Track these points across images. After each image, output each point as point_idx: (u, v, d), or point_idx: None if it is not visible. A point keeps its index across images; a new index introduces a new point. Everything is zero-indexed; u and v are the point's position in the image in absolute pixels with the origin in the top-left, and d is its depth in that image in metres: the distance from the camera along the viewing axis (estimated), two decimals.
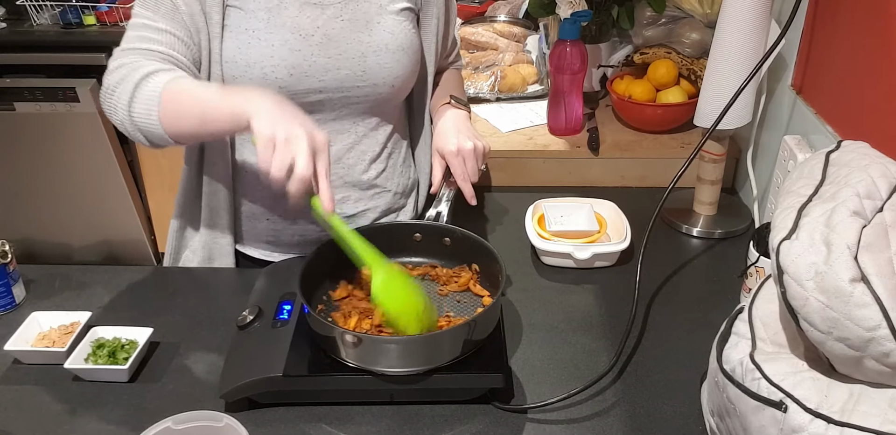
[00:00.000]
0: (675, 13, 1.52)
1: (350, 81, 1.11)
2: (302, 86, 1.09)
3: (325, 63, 1.09)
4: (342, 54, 1.10)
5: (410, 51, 1.14)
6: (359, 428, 0.91)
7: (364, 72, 1.11)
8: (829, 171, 0.80)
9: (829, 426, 0.65)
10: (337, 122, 1.15)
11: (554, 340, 1.05)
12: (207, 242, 1.22)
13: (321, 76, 1.09)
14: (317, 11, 1.09)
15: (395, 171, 1.23)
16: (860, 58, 1.03)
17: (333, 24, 1.10)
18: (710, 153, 1.27)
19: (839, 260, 0.65)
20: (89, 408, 0.94)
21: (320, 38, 1.09)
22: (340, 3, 1.10)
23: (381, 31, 1.12)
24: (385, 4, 1.13)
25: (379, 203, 1.22)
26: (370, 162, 1.19)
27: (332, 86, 1.11)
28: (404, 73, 1.14)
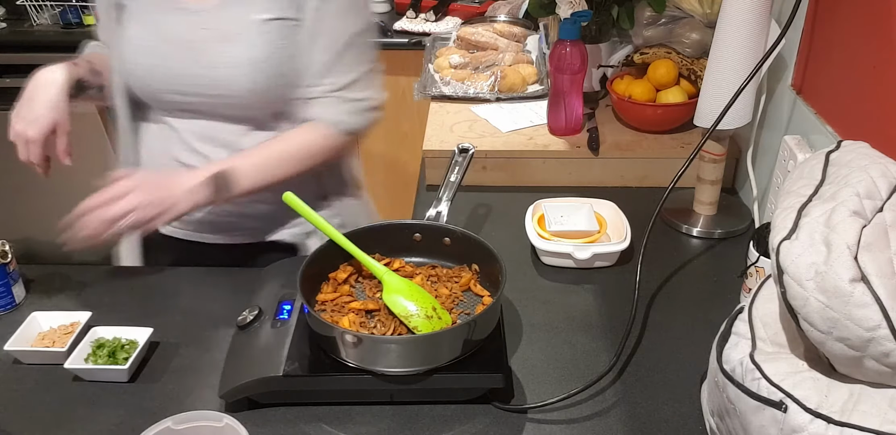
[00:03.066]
0: (675, 13, 1.52)
1: (206, 90, 1.14)
2: (161, 86, 1.16)
3: (182, 68, 1.14)
4: (198, 62, 1.13)
5: (267, 65, 1.12)
6: (359, 428, 0.91)
7: (216, 82, 1.13)
8: (829, 171, 0.80)
9: (829, 426, 0.65)
10: (210, 122, 1.18)
11: (554, 340, 1.05)
12: None
13: (179, 80, 1.14)
14: (182, 17, 1.13)
15: None
16: (860, 58, 1.03)
17: (196, 32, 1.13)
18: (710, 153, 1.27)
19: (839, 260, 0.65)
20: (89, 408, 0.94)
21: (181, 43, 1.13)
22: (206, 12, 1.12)
23: (239, 43, 1.12)
24: (249, 15, 1.11)
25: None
26: None
27: (190, 91, 1.15)
28: (256, 87, 1.12)
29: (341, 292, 1.02)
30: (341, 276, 1.04)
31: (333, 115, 1.18)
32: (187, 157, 1.21)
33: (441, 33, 2.19)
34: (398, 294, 0.96)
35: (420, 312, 0.94)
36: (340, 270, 1.05)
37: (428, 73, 1.80)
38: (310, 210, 1.03)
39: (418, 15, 2.47)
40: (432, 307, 0.95)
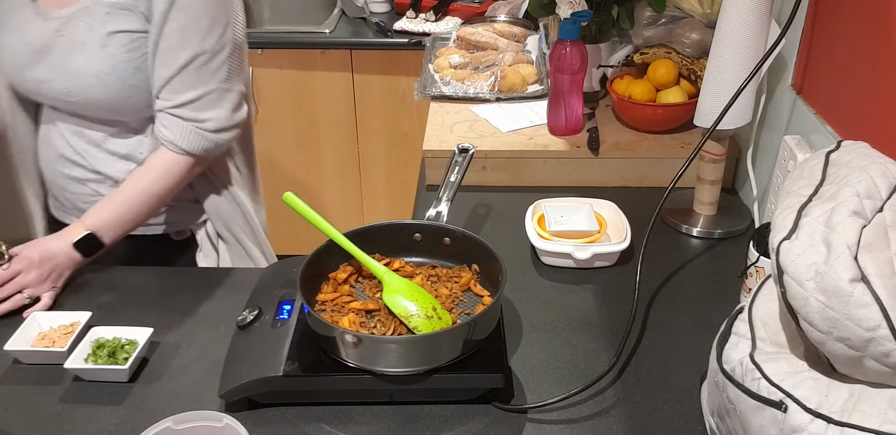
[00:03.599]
0: (675, 13, 1.52)
1: (62, 95, 1.17)
2: (26, 87, 1.20)
3: (40, 73, 1.17)
4: (53, 68, 1.15)
5: (111, 78, 1.14)
6: (359, 428, 0.91)
7: (69, 90, 1.16)
8: (828, 171, 0.80)
9: (829, 426, 0.65)
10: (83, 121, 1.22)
11: (554, 340, 1.05)
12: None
13: (39, 83, 1.18)
14: (41, 22, 1.16)
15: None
16: (860, 58, 1.03)
17: (54, 39, 1.15)
18: (710, 153, 1.27)
19: (839, 260, 0.65)
20: (89, 408, 0.94)
21: (39, 47, 1.16)
22: (62, 19, 1.14)
23: (83, 54, 1.14)
24: (95, 26, 1.13)
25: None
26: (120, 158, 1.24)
27: (51, 95, 1.18)
28: (105, 98, 1.15)
29: (341, 292, 1.02)
30: (341, 276, 1.04)
31: (170, 134, 1.17)
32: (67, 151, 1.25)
33: (441, 33, 2.19)
34: (398, 294, 0.96)
35: (420, 313, 0.94)
36: (340, 270, 1.05)
37: (428, 73, 1.80)
38: (310, 210, 1.03)
39: (418, 15, 2.47)
40: (432, 307, 0.95)
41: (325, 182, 2.68)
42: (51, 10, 1.15)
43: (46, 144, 1.28)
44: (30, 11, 1.17)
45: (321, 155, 2.62)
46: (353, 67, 2.42)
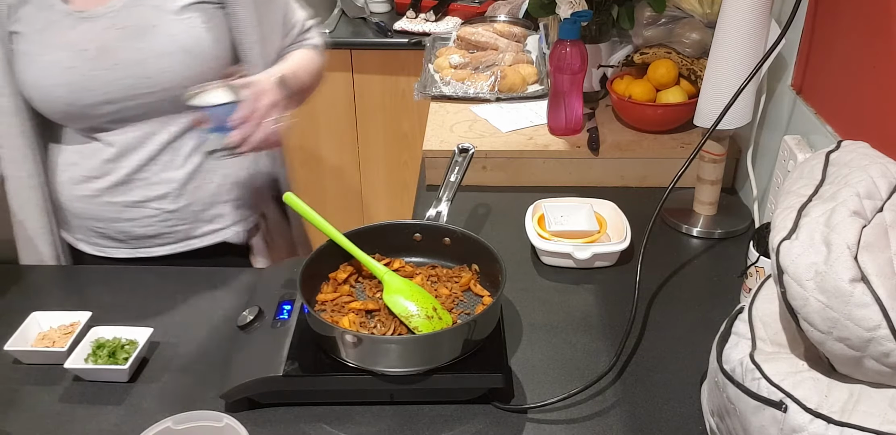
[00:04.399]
0: (675, 13, 1.52)
1: (138, 90, 1.12)
2: (87, 100, 1.12)
3: (104, 75, 1.11)
4: (120, 64, 1.11)
5: (197, 50, 1.13)
6: (359, 428, 0.91)
7: (149, 78, 1.12)
8: (828, 171, 0.80)
9: (829, 426, 0.65)
10: (147, 124, 1.17)
11: (554, 340, 1.05)
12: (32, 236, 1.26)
13: (105, 89, 1.12)
14: (89, 25, 1.11)
15: (222, 161, 1.22)
16: (860, 58, 1.03)
17: (107, 35, 1.11)
18: (710, 153, 1.27)
19: (839, 260, 0.65)
20: (89, 408, 0.94)
21: (95, 51, 1.11)
22: (113, 13, 1.11)
23: (158, 35, 1.11)
24: (164, 4, 1.11)
25: (202, 195, 1.23)
26: (186, 157, 1.20)
27: (120, 96, 1.13)
28: (193, 73, 1.13)
29: (341, 292, 1.02)
30: (341, 276, 1.04)
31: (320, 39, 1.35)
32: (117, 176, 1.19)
33: (441, 33, 2.19)
34: (398, 294, 0.96)
35: (420, 313, 0.94)
36: (340, 270, 1.05)
37: (428, 73, 1.80)
38: (310, 210, 1.03)
39: (418, 15, 2.47)
40: (433, 307, 0.95)
41: (325, 182, 2.68)
42: (93, 10, 1.11)
43: (83, 183, 1.20)
44: (69, 21, 1.11)
45: (321, 155, 2.62)
46: (354, 67, 2.42)
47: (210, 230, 1.27)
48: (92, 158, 1.19)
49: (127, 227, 1.23)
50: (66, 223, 1.28)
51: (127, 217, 1.22)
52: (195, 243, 1.27)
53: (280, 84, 1.13)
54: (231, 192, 1.26)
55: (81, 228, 1.26)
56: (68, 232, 1.29)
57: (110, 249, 1.27)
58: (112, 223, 1.23)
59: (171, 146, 1.19)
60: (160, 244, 1.26)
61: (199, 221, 1.25)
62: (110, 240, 1.26)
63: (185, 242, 1.27)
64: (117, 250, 1.27)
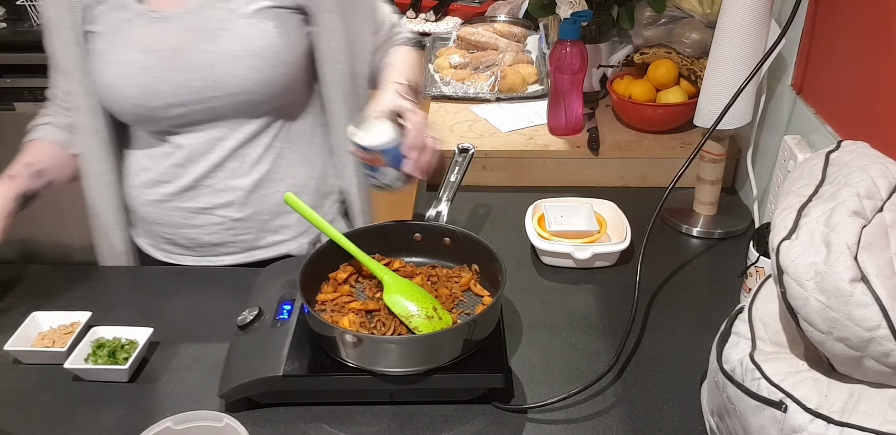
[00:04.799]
0: (675, 13, 1.52)
1: (205, 93, 1.11)
2: (157, 102, 1.11)
3: (174, 77, 1.10)
4: (190, 66, 1.09)
5: (267, 54, 1.10)
6: (359, 428, 0.91)
7: (217, 82, 1.10)
8: (828, 171, 0.80)
9: (829, 426, 0.65)
10: (215, 128, 1.15)
11: (554, 340, 1.05)
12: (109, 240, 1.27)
13: (174, 91, 1.10)
14: (162, 25, 1.10)
15: (290, 171, 1.21)
16: (860, 58, 1.03)
17: (180, 37, 1.10)
18: (710, 153, 1.27)
19: (839, 260, 0.65)
20: (89, 408, 0.94)
21: (167, 52, 1.10)
22: (187, 14, 1.10)
23: (229, 38, 1.09)
24: (237, 8, 1.10)
25: (268, 205, 1.21)
26: (253, 164, 1.18)
27: (189, 99, 1.11)
28: (262, 78, 1.11)
29: (341, 292, 1.02)
30: (341, 276, 1.04)
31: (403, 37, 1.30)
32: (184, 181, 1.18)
33: (441, 33, 2.19)
34: (399, 294, 0.96)
35: (420, 313, 0.94)
36: (340, 270, 1.05)
37: (428, 73, 1.80)
38: (310, 210, 1.03)
39: (418, 15, 2.47)
40: (433, 307, 0.95)
41: None
42: (167, 11, 1.10)
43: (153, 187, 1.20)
44: (143, 22, 1.10)
45: None
46: None
47: (275, 241, 1.25)
48: (161, 162, 1.18)
49: (193, 233, 1.22)
50: (137, 227, 1.28)
51: (193, 224, 1.21)
52: (259, 254, 1.25)
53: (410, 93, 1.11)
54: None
55: (151, 233, 1.26)
56: (140, 236, 1.29)
57: (178, 256, 1.26)
58: (179, 229, 1.22)
59: (237, 153, 1.17)
60: (225, 253, 1.25)
61: (263, 231, 1.24)
62: (178, 246, 1.25)
63: (250, 252, 1.25)
64: (184, 257, 1.26)
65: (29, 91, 2.35)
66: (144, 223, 1.26)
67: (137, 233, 1.29)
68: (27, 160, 1.19)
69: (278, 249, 1.26)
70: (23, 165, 1.17)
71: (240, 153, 1.17)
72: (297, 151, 1.22)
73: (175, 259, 1.27)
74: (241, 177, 1.18)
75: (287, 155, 1.21)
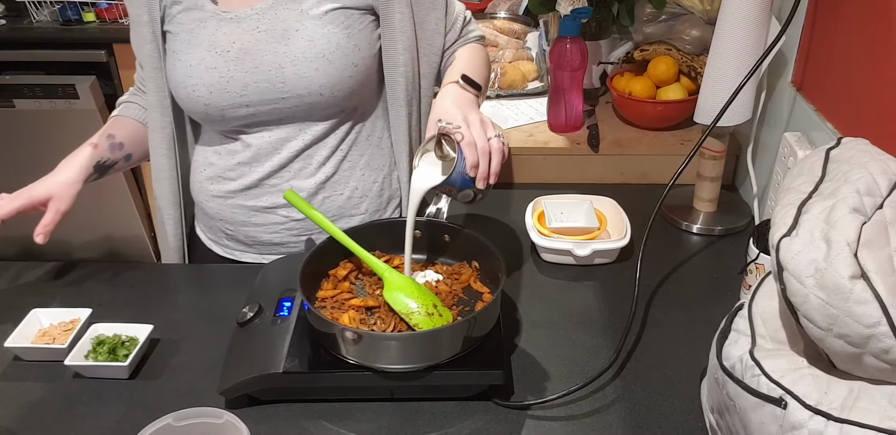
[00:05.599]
0: (675, 10, 1.52)
1: (272, 94, 1.10)
2: (225, 102, 1.11)
3: (242, 78, 1.10)
4: (258, 67, 1.09)
5: (335, 56, 1.09)
6: (359, 425, 0.91)
7: (284, 83, 1.09)
8: (829, 168, 0.80)
9: (829, 423, 0.65)
10: (282, 129, 1.15)
11: (554, 337, 1.05)
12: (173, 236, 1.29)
13: (241, 91, 1.10)
14: (233, 26, 1.10)
15: (354, 173, 1.21)
16: (860, 55, 1.02)
17: (249, 37, 1.10)
18: (710, 150, 1.26)
19: (839, 257, 0.65)
20: (89, 405, 0.94)
21: (236, 52, 1.10)
22: (258, 15, 1.09)
23: (298, 39, 1.09)
24: (308, 9, 1.09)
25: (329, 207, 1.21)
26: (318, 166, 1.18)
27: (256, 99, 1.11)
28: (329, 81, 1.10)
29: (341, 289, 1.02)
30: (341, 273, 1.04)
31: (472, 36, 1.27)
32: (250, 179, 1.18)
33: None
34: (399, 291, 0.96)
35: (421, 310, 0.94)
36: (340, 267, 1.05)
37: None
38: (309, 206, 1.02)
39: None
40: (433, 304, 0.95)
41: None
42: (238, 11, 1.10)
43: (218, 183, 1.20)
44: (215, 22, 1.10)
45: None
46: None
47: None
48: (227, 159, 1.18)
49: (254, 231, 1.22)
50: (201, 222, 1.29)
51: (255, 222, 1.21)
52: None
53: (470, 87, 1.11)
54: (359, 206, 1.24)
55: (214, 228, 1.26)
56: (203, 231, 1.30)
57: (238, 253, 1.26)
58: (241, 226, 1.22)
59: (304, 154, 1.17)
60: (286, 252, 1.24)
61: (324, 233, 1.23)
62: (239, 243, 1.25)
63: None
64: (244, 254, 1.26)
65: (28, 88, 2.35)
66: (208, 218, 1.26)
67: (201, 228, 1.30)
68: (110, 132, 1.22)
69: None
70: (105, 136, 1.21)
71: (306, 154, 1.17)
72: (364, 154, 1.21)
73: (235, 256, 1.27)
74: (305, 178, 1.18)
75: (353, 158, 1.20)
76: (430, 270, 1.06)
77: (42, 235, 1.10)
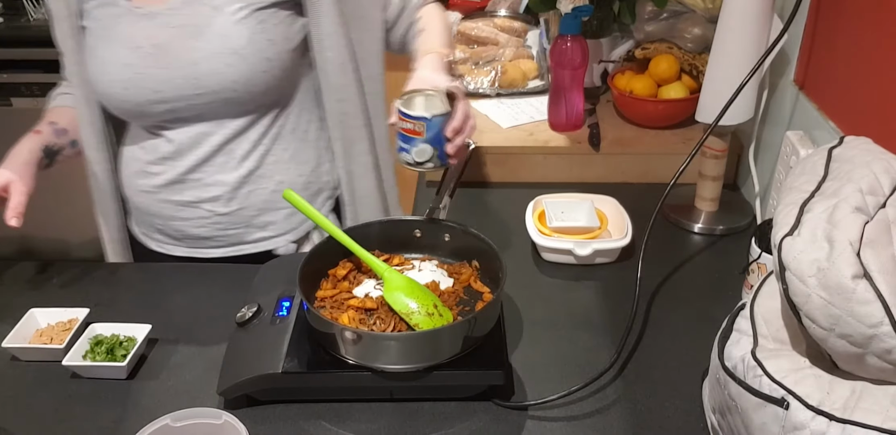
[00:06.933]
0: (676, 8, 1.51)
1: (188, 90, 1.10)
2: (141, 98, 1.12)
3: (157, 74, 1.10)
4: (172, 63, 1.10)
5: (247, 52, 1.09)
6: (358, 425, 0.90)
7: (198, 79, 1.10)
8: (831, 166, 0.79)
9: (831, 423, 0.65)
10: (202, 124, 1.15)
11: (554, 337, 1.05)
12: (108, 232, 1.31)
13: (157, 87, 1.11)
14: (146, 22, 1.10)
15: (278, 167, 1.20)
16: (863, 53, 1.02)
17: (163, 33, 1.10)
18: (712, 149, 1.26)
19: (841, 256, 0.65)
20: (87, 405, 0.94)
21: (150, 48, 1.10)
22: (171, 11, 1.10)
23: (211, 35, 1.09)
24: (221, 5, 1.09)
25: (254, 201, 1.21)
26: (240, 160, 1.18)
27: (172, 96, 1.11)
28: (242, 77, 1.10)
29: (341, 289, 1.01)
30: (340, 272, 1.04)
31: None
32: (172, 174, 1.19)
33: None
34: (399, 291, 0.96)
35: (421, 310, 0.93)
36: (340, 267, 1.04)
37: None
38: (310, 206, 1.02)
39: None
40: (433, 304, 0.95)
41: None
42: (152, 7, 1.10)
43: (144, 178, 1.21)
44: (130, 18, 1.11)
45: None
46: None
47: (261, 237, 1.25)
48: (151, 154, 1.19)
49: (182, 226, 1.23)
50: (132, 216, 1.30)
51: (182, 216, 1.21)
52: (247, 248, 1.26)
53: (448, 72, 1.11)
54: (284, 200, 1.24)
55: (145, 222, 1.28)
56: (135, 225, 1.31)
57: (169, 246, 1.27)
58: (169, 221, 1.23)
59: (225, 148, 1.17)
60: (213, 246, 1.25)
61: (250, 227, 1.24)
62: (168, 237, 1.26)
63: (237, 246, 1.25)
64: (175, 248, 1.27)
65: (26, 87, 2.35)
66: (138, 212, 1.27)
67: (133, 222, 1.31)
68: (51, 120, 1.23)
69: (265, 245, 1.26)
70: (46, 123, 1.22)
71: (227, 149, 1.17)
72: (287, 148, 1.21)
73: (167, 249, 1.28)
74: (228, 172, 1.18)
75: (276, 152, 1.20)
76: (427, 262, 1.05)
77: (16, 218, 1.09)
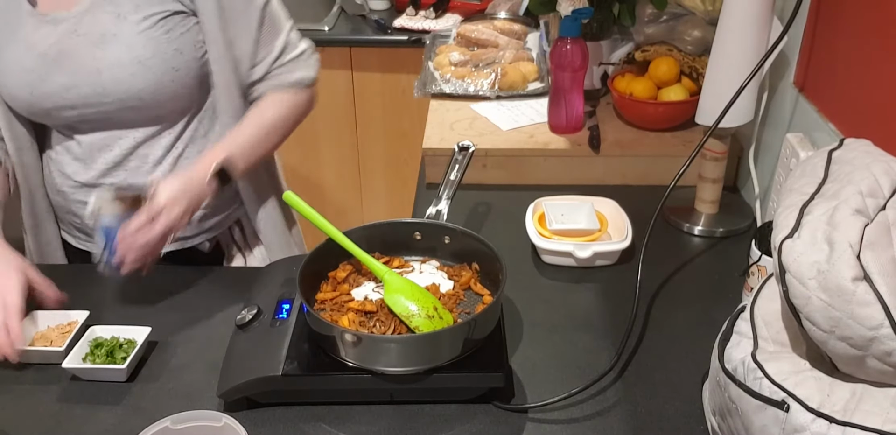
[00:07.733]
0: (676, 10, 1.51)
1: (94, 98, 1.10)
2: (48, 103, 1.11)
3: (63, 81, 1.09)
4: (77, 72, 1.09)
5: (153, 62, 1.08)
6: (358, 427, 0.90)
7: (104, 88, 1.09)
8: (831, 169, 0.79)
9: (832, 426, 0.65)
10: (113, 130, 1.15)
11: (554, 340, 1.05)
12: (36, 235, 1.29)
13: (64, 94, 1.10)
14: (51, 28, 1.09)
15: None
16: (863, 55, 1.02)
17: (68, 41, 1.09)
18: (712, 151, 1.26)
19: (841, 258, 0.65)
20: (87, 408, 0.94)
21: (55, 55, 1.09)
22: (75, 18, 1.08)
23: (116, 44, 1.08)
24: (126, 13, 1.08)
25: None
26: (154, 164, 1.18)
27: (79, 102, 1.11)
28: (147, 86, 1.09)
29: (341, 291, 1.01)
30: (341, 274, 1.04)
31: (287, 79, 1.21)
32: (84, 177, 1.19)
33: (441, 31, 2.18)
34: (399, 294, 0.96)
35: (421, 312, 0.93)
36: (340, 269, 1.04)
37: (428, 71, 1.80)
38: (310, 209, 1.02)
39: (418, 12, 2.47)
40: (433, 307, 0.95)
41: (324, 180, 2.68)
42: (57, 14, 1.09)
43: (61, 179, 1.21)
44: (33, 22, 1.10)
45: (320, 153, 2.61)
46: (353, 65, 2.42)
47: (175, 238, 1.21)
48: (65, 155, 1.20)
49: None
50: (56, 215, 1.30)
51: None
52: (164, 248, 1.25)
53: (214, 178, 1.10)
54: None
55: (65, 221, 1.28)
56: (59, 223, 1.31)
57: (90, 244, 1.28)
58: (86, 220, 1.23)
59: (137, 153, 1.17)
60: None
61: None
62: (88, 235, 1.27)
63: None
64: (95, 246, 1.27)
65: None
66: (61, 211, 1.28)
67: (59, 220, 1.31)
68: None
69: (180, 245, 1.27)
70: None
71: (139, 153, 1.18)
72: (202, 151, 1.20)
73: (87, 246, 1.28)
74: (142, 176, 1.18)
75: (190, 155, 1.20)
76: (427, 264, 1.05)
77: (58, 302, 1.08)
